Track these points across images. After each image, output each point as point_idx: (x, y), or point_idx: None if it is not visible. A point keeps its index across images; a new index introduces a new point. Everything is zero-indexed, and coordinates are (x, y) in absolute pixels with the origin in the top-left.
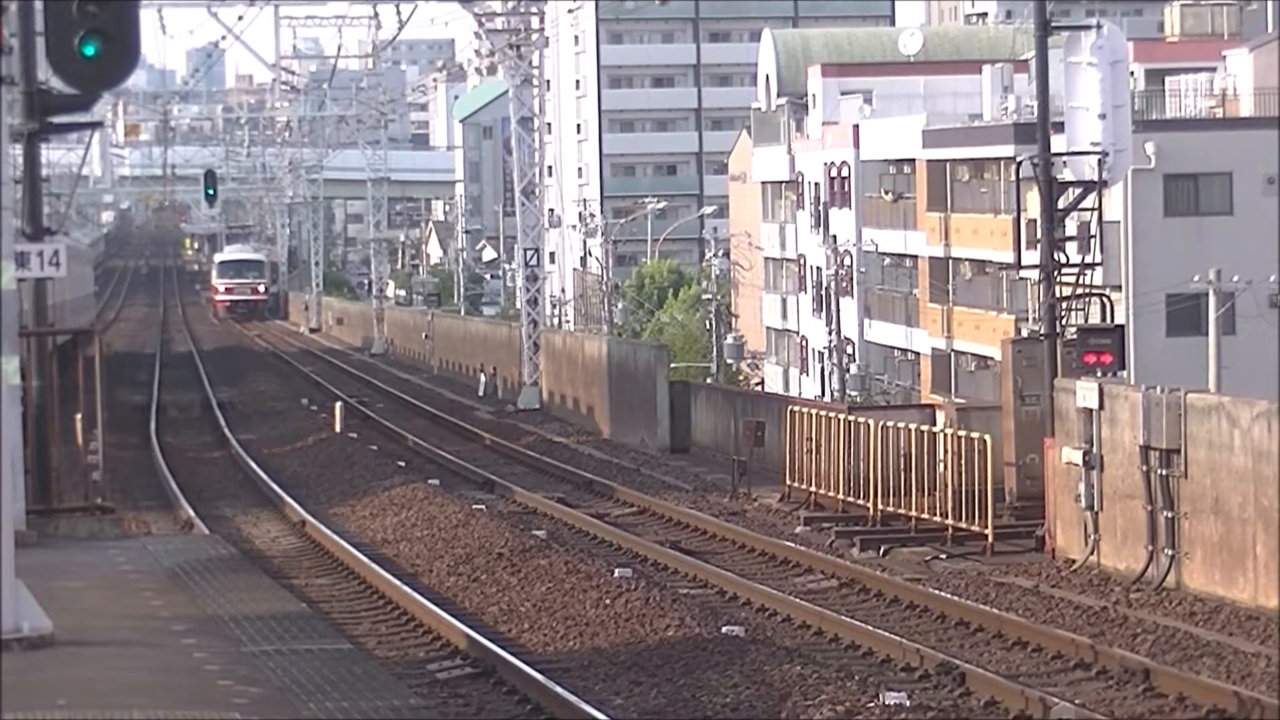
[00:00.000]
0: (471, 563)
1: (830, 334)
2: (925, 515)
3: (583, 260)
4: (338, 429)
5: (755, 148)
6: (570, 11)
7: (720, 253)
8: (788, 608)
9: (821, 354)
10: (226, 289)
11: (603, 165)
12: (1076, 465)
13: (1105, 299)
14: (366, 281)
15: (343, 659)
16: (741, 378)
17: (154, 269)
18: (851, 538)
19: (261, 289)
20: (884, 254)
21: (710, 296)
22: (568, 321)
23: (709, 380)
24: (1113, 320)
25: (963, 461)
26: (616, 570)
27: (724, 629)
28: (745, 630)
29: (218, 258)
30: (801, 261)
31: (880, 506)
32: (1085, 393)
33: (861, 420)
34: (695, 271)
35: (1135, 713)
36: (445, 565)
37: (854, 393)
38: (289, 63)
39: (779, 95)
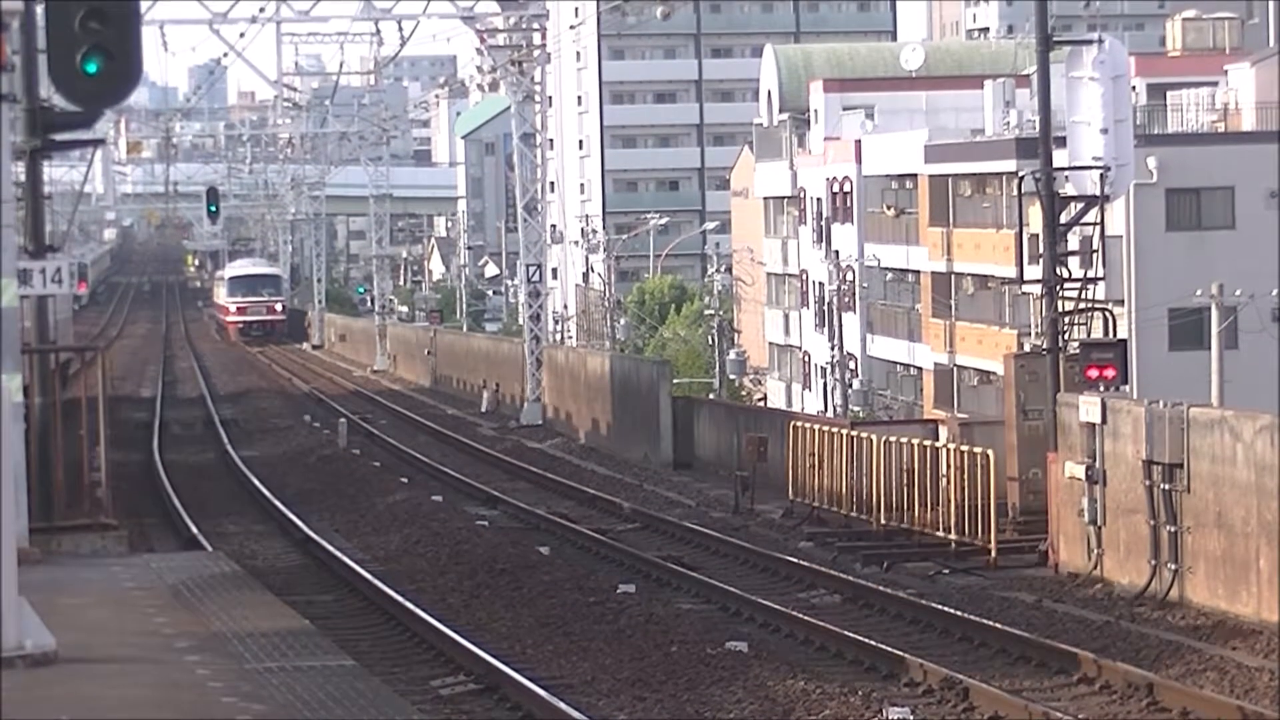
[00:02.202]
0: (475, 578)
1: (833, 349)
2: (928, 530)
3: (585, 276)
4: (341, 445)
5: (757, 163)
6: (572, 28)
7: (722, 268)
8: (791, 623)
9: (824, 369)
10: (239, 308)
11: (605, 181)
12: (1079, 480)
13: (1108, 313)
14: (369, 298)
15: (346, 675)
16: (744, 393)
17: (156, 285)
18: (855, 552)
19: (279, 307)
20: (886, 269)
21: (713, 312)
22: (570, 337)
23: (712, 396)
24: (1115, 335)
25: (966, 476)
26: (620, 586)
27: (727, 644)
28: (749, 645)
29: (227, 273)
30: (804, 277)
31: (883, 521)
32: (1088, 407)
33: (864, 435)
34: (697, 287)
35: None
36: (448, 581)
37: (856, 408)
38: (291, 79)
39: (781, 110)
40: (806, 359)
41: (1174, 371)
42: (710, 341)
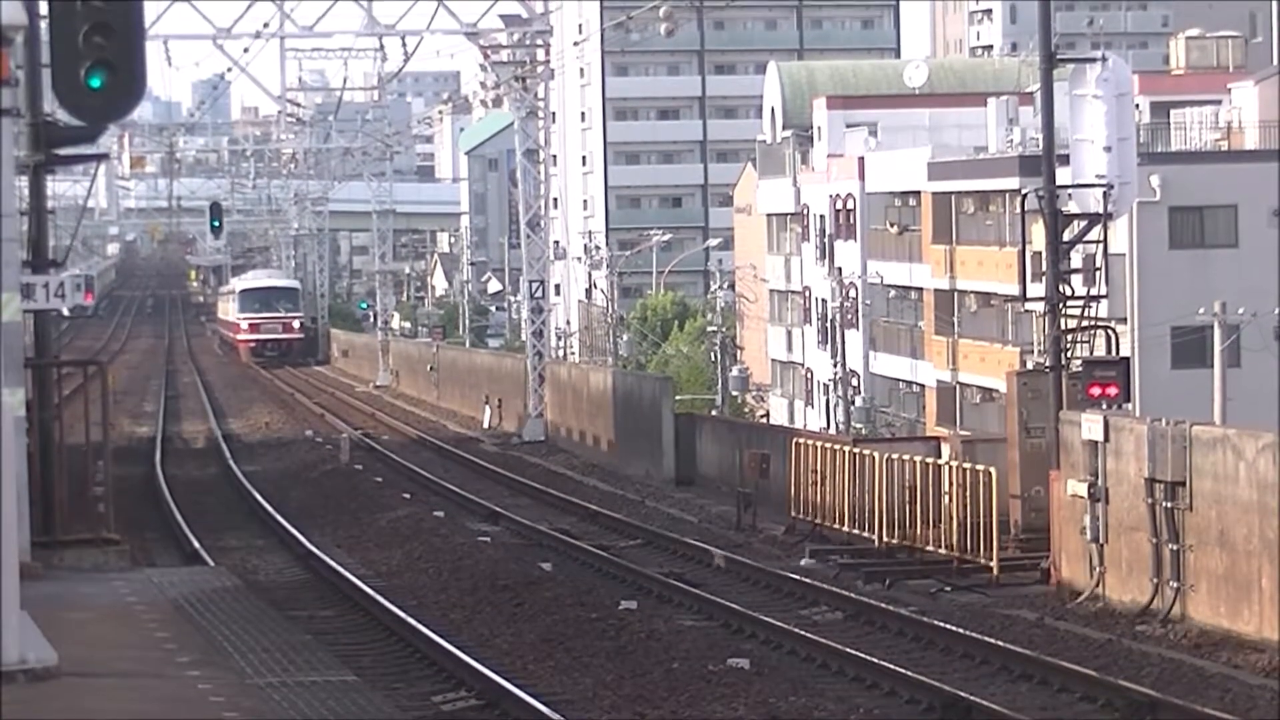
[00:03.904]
0: (476, 594)
1: (835, 366)
2: (931, 547)
3: (588, 292)
4: (344, 460)
5: (760, 180)
6: (576, 44)
7: (725, 285)
8: (793, 640)
9: (826, 386)
10: (251, 325)
11: (608, 197)
12: (1081, 497)
13: (1110, 331)
14: (372, 313)
15: (348, 690)
16: (747, 410)
17: (160, 300)
18: (857, 570)
19: (296, 324)
20: (889, 286)
21: (715, 328)
22: (573, 353)
23: (714, 412)
24: (1118, 352)
25: (968, 494)
26: (621, 602)
27: (729, 661)
28: (750, 662)
29: (238, 285)
30: (806, 294)
31: (886, 538)
32: (1090, 425)
33: (866, 452)
34: (700, 303)
35: None
36: (450, 597)
37: (859, 425)
38: (294, 95)
39: (784, 127)
40: (809, 376)
41: (1176, 389)
42: (713, 358)
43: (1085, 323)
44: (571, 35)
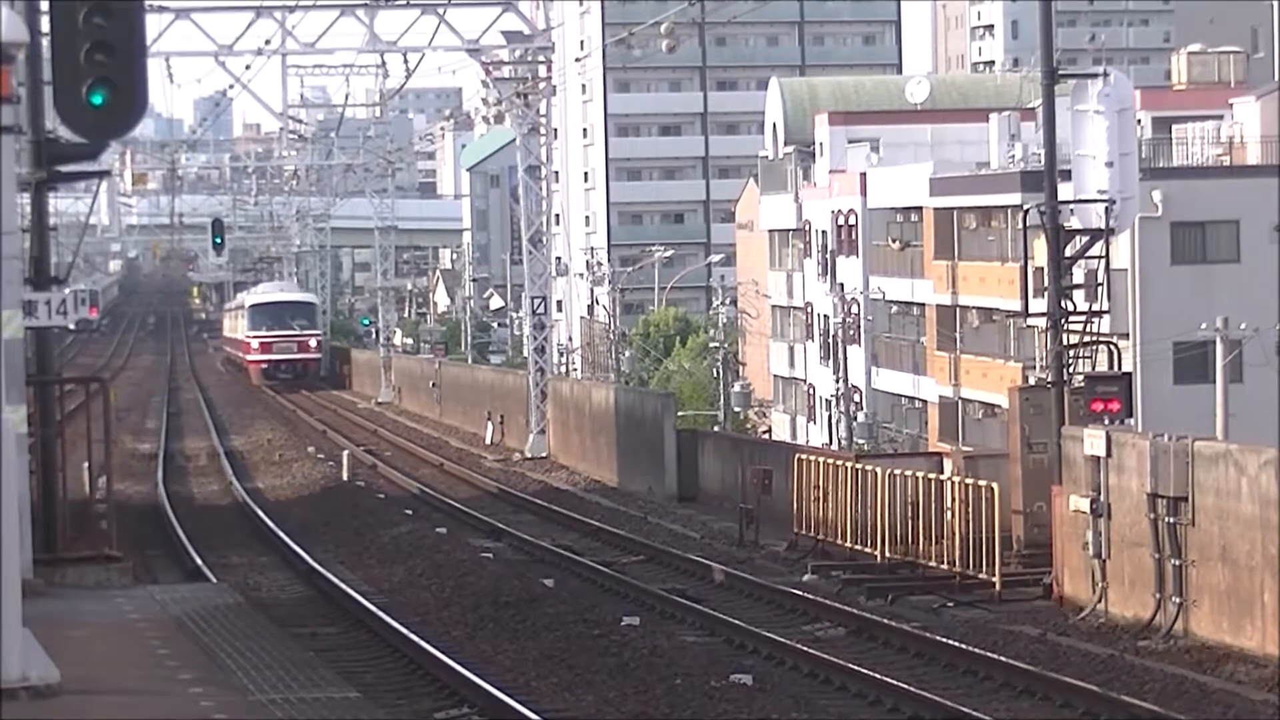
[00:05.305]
0: (479, 611)
1: (838, 382)
2: (933, 563)
3: (590, 308)
4: (345, 477)
5: (762, 196)
6: (578, 60)
7: (727, 301)
8: (796, 656)
9: (829, 402)
10: (263, 345)
11: (610, 213)
12: (1084, 513)
13: (1112, 346)
14: (374, 330)
15: (350, 707)
16: (749, 426)
17: (161, 317)
18: (859, 585)
19: (313, 343)
20: (891, 302)
21: (718, 344)
22: (575, 370)
23: (716, 428)
24: (1120, 368)
25: (970, 509)
26: (624, 618)
27: (732, 677)
28: (753, 678)
29: (248, 299)
30: (809, 309)
31: (888, 554)
32: (1093, 440)
33: (869, 468)
34: (702, 319)
35: None
36: (452, 613)
37: (861, 440)
38: (296, 111)
39: (786, 143)
40: (811, 391)
41: (1179, 405)
42: (715, 374)
43: (1087, 338)
44: (573, 51)
